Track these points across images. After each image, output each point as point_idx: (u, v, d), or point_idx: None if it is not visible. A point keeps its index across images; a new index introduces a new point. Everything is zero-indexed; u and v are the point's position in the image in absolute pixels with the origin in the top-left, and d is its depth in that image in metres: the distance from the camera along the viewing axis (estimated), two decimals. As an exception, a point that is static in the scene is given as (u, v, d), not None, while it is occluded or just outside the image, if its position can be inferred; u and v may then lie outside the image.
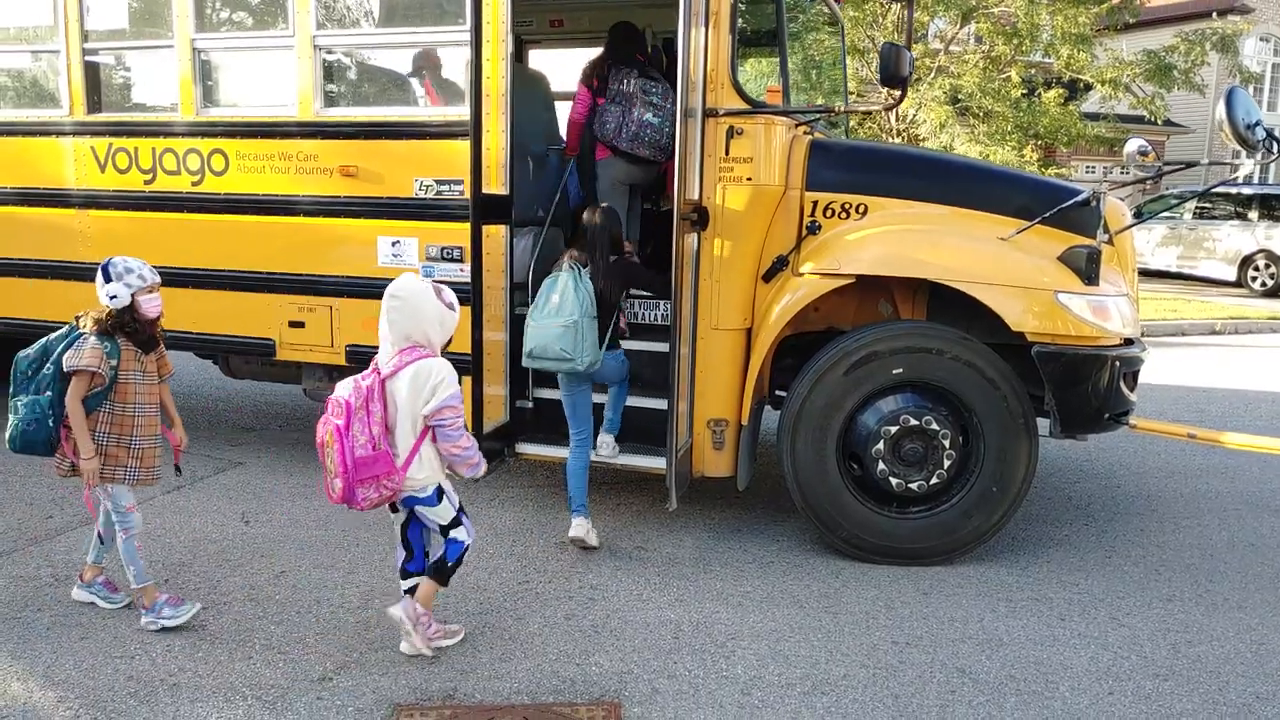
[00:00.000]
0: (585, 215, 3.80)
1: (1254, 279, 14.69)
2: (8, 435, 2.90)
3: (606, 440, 3.88)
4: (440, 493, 2.83)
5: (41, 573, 3.40)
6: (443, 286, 2.85)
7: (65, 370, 2.85)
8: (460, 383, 2.78)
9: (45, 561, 3.50)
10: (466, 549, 2.88)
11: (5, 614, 3.08)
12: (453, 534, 2.85)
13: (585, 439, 3.72)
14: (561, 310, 3.50)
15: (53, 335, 2.99)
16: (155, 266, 4.63)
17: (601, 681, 2.75)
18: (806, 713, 2.62)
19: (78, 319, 2.98)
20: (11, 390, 2.93)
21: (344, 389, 2.71)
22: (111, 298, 2.91)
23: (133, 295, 2.93)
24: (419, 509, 2.83)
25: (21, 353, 2.96)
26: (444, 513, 2.84)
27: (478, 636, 3.00)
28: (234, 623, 3.04)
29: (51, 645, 2.88)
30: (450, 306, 2.82)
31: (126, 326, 2.94)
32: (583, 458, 3.71)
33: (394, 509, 2.90)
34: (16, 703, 2.57)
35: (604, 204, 3.97)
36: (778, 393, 4.11)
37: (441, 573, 2.87)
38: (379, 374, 2.73)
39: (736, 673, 2.82)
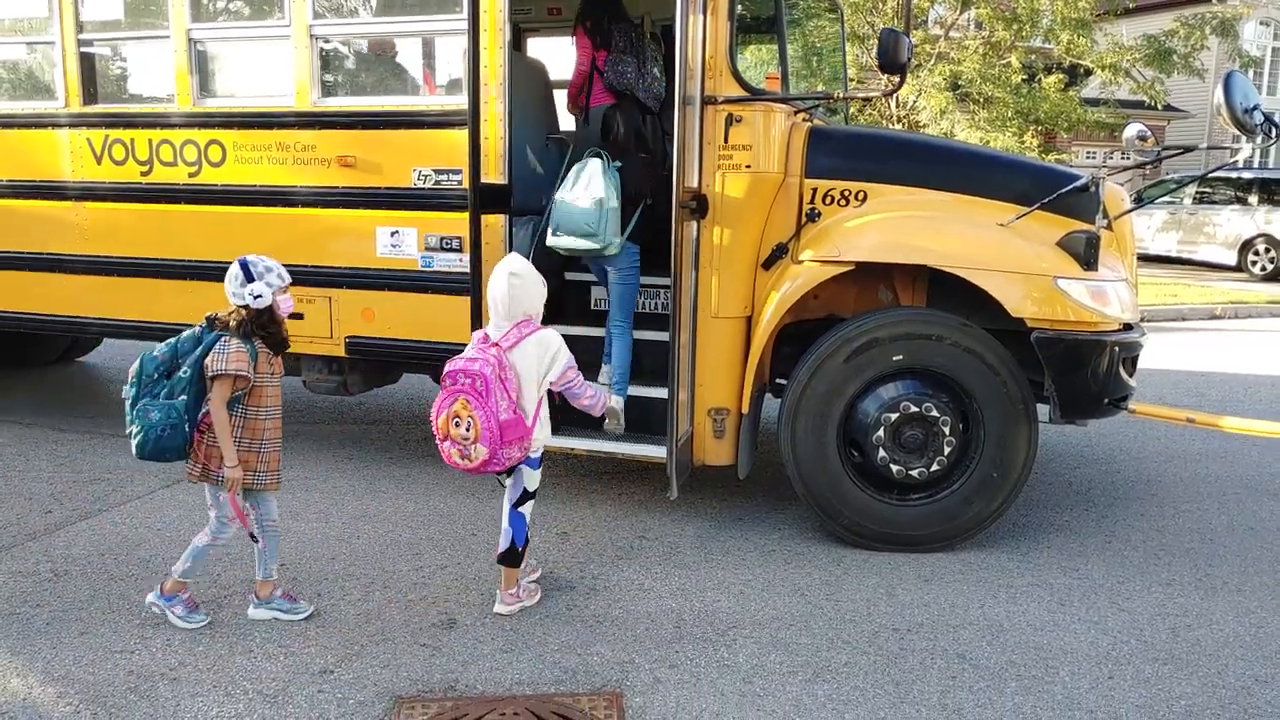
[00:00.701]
0: (607, 114, 3.90)
1: (1254, 263, 14.67)
2: (136, 441, 2.79)
3: (607, 385, 3.85)
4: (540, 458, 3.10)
5: (41, 568, 3.40)
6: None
7: (211, 374, 2.78)
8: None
9: (44, 557, 3.50)
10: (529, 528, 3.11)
11: (4, 610, 3.08)
12: (522, 508, 3.08)
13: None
14: (590, 190, 3.65)
15: (182, 336, 2.89)
16: (151, 259, 4.67)
17: (603, 671, 2.76)
18: (808, 700, 2.63)
19: (210, 320, 2.89)
20: (134, 394, 2.81)
21: (472, 364, 2.87)
22: (256, 297, 2.84)
23: (272, 294, 2.88)
24: (525, 469, 3.05)
25: (147, 355, 2.84)
26: (534, 479, 3.10)
27: (479, 627, 3.00)
28: (234, 616, 3.04)
29: (51, 641, 2.88)
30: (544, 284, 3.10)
31: (266, 327, 2.89)
32: (623, 337, 3.86)
33: (508, 474, 3.07)
34: (16, 698, 2.57)
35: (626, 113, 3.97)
36: (778, 381, 4.10)
37: (513, 557, 3.10)
38: (500, 346, 2.93)
39: (738, 661, 2.83)
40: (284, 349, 2.99)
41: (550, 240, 3.80)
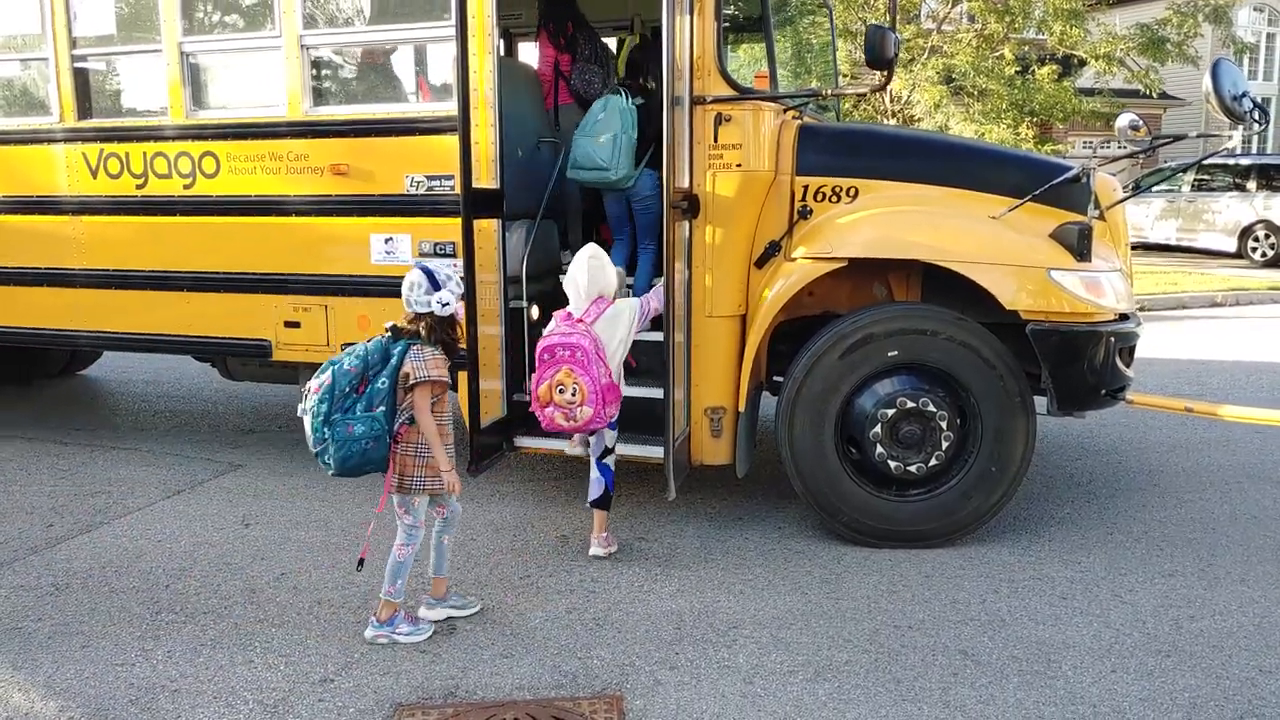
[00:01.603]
0: (631, 50, 4.23)
1: (1254, 249, 14.63)
2: (337, 457, 2.74)
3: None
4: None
5: (42, 582, 3.41)
6: None
7: (414, 381, 2.79)
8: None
9: (46, 570, 3.51)
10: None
11: (6, 624, 3.08)
12: (607, 459, 3.54)
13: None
14: (608, 125, 3.94)
15: (366, 348, 2.84)
16: (149, 271, 4.68)
17: (604, 674, 2.76)
18: (809, 700, 2.62)
19: (396, 330, 2.89)
20: (325, 410, 2.75)
21: (568, 338, 3.23)
22: (444, 305, 2.86)
23: (455, 301, 2.91)
24: (606, 430, 3.46)
25: (338, 369, 2.78)
26: (613, 437, 3.55)
27: (479, 632, 3.00)
28: (234, 626, 3.05)
29: (52, 655, 2.88)
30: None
31: (448, 334, 2.92)
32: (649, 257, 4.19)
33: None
34: (18, 713, 2.57)
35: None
36: (775, 379, 4.10)
37: (606, 501, 3.55)
38: (585, 321, 3.32)
39: (739, 661, 2.83)
40: (458, 355, 3.03)
41: (569, 173, 4.16)
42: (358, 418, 2.76)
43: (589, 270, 3.36)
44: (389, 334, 2.89)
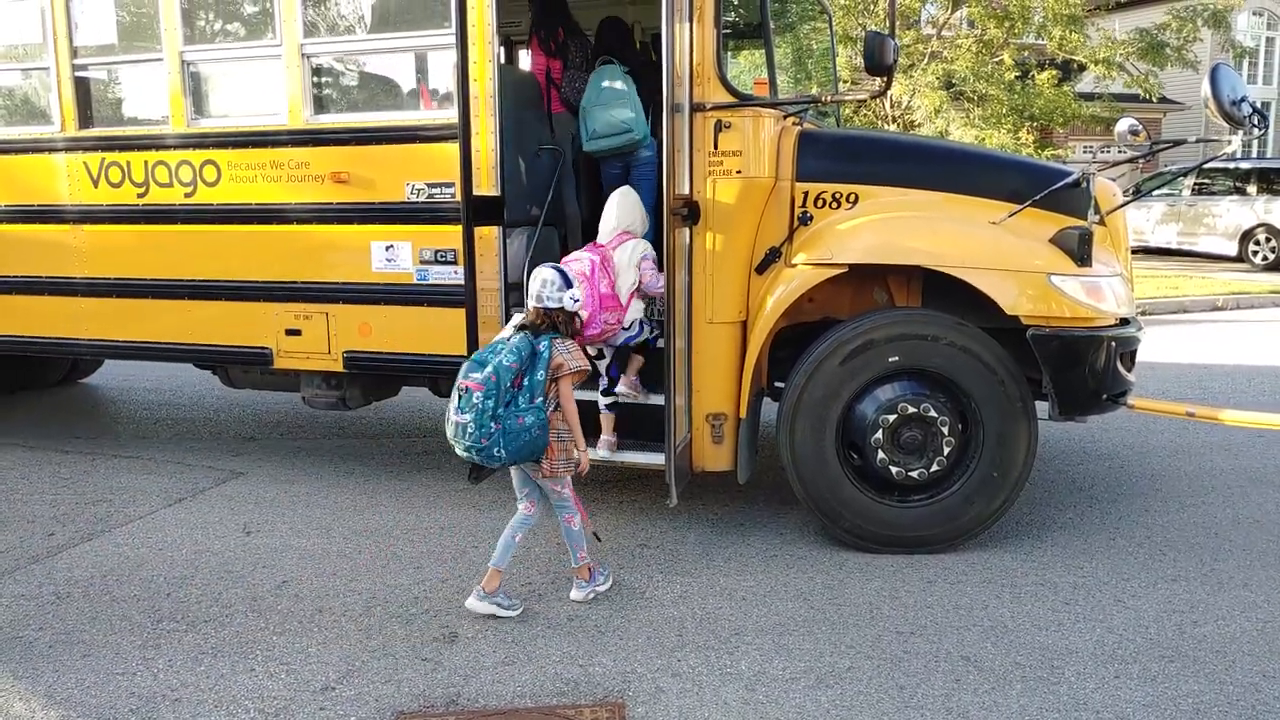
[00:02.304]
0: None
1: (1255, 253, 14.62)
2: (512, 448, 2.94)
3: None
4: (640, 326, 3.84)
5: (43, 590, 3.41)
6: None
7: (569, 371, 3.03)
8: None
9: (47, 579, 3.51)
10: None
11: (7, 633, 3.08)
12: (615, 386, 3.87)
13: None
14: (615, 92, 4.12)
15: (510, 345, 3.01)
16: (151, 279, 4.69)
17: (605, 682, 2.75)
18: (812, 707, 2.62)
19: (531, 326, 3.07)
20: (492, 406, 2.91)
21: (585, 256, 3.68)
22: (575, 300, 3.12)
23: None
24: (622, 338, 3.79)
25: (500, 366, 2.94)
26: (637, 359, 3.90)
27: (480, 640, 3.00)
28: (235, 635, 3.04)
29: (53, 664, 2.88)
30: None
31: (570, 327, 3.15)
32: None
33: (601, 355, 3.85)
34: (21, 721, 2.57)
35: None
36: (776, 384, 4.09)
37: (627, 355, 3.86)
38: (606, 247, 3.77)
39: (741, 668, 2.82)
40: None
41: (587, 146, 4.27)
42: (524, 409, 2.96)
43: (620, 201, 3.86)
44: (523, 331, 3.07)
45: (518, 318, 3.18)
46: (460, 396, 2.96)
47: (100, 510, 4.25)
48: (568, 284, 3.10)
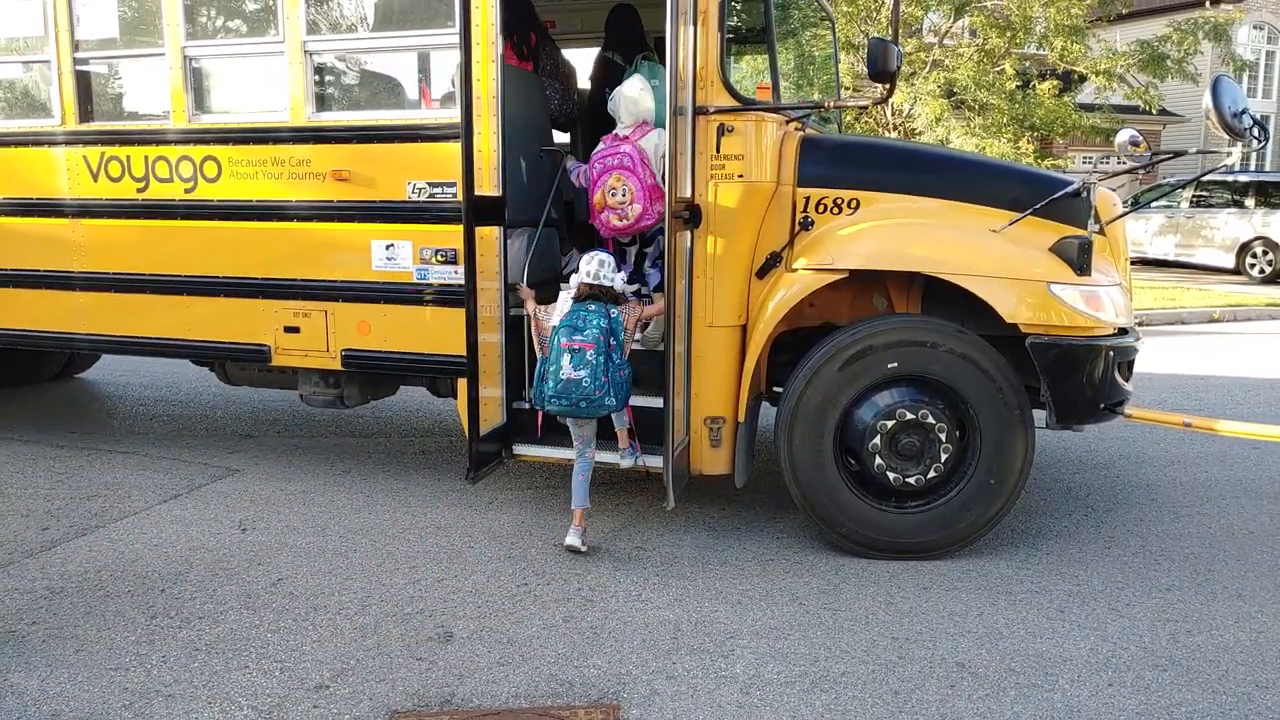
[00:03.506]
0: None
1: (1252, 266, 14.68)
2: (619, 397, 3.52)
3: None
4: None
5: (37, 585, 3.40)
6: None
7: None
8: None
9: (41, 574, 3.50)
10: None
11: (0, 627, 3.07)
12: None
13: None
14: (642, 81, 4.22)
15: (584, 316, 3.51)
16: (149, 274, 4.68)
17: (600, 683, 2.75)
18: (806, 711, 2.61)
19: (594, 297, 3.57)
20: (602, 363, 3.46)
21: (617, 150, 3.88)
22: (626, 281, 3.69)
23: None
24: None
25: (600, 332, 3.48)
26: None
27: (475, 640, 2.99)
28: (230, 632, 3.03)
29: (46, 659, 2.87)
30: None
31: (617, 299, 3.66)
32: None
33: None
34: (11, 717, 2.56)
35: None
36: (775, 389, 4.10)
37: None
38: (630, 139, 3.92)
39: (736, 672, 2.82)
40: None
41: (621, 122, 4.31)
42: (620, 364, 3.54)
43: (640, 91, 4.00)
44: (589, 303, 3.56)
45: (568, 291, 3.68)
46: (572, 355, 3.47)
47: (95, 505, 4.24)
48: (619, 268, 3.66)
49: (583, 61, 5.77)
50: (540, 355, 3.71)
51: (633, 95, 3.98)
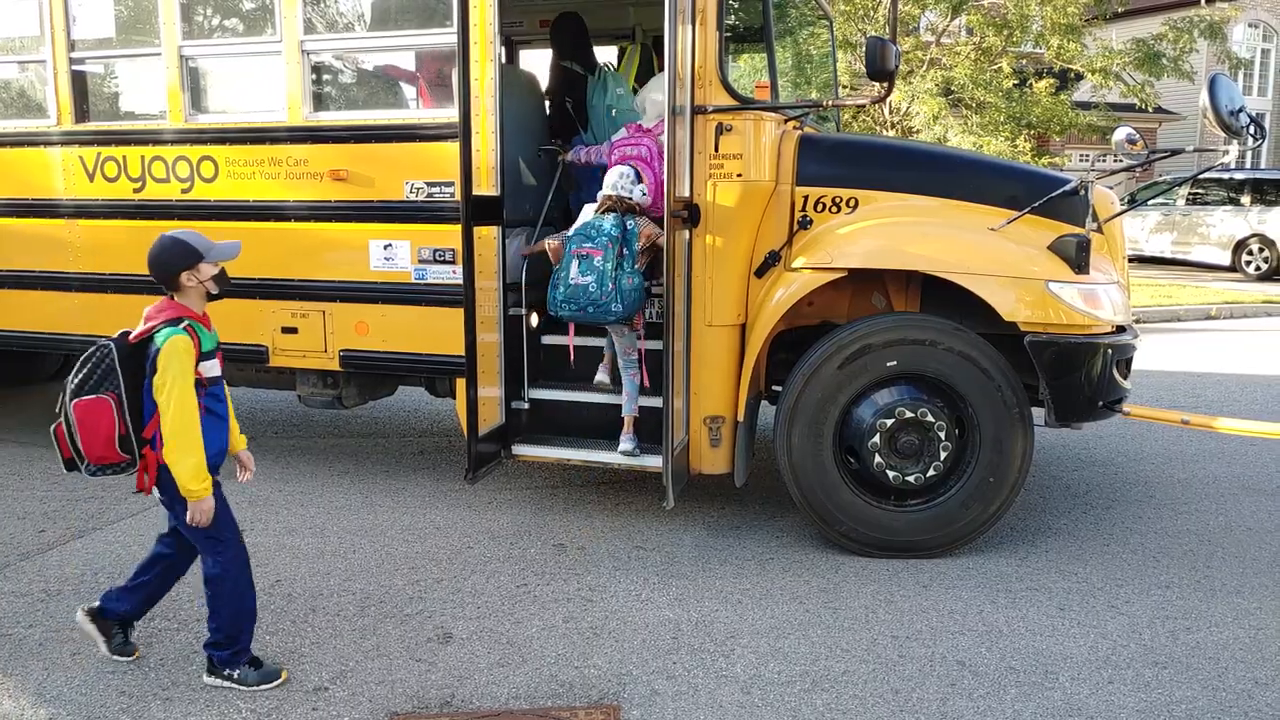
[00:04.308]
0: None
1: (1248, 263, 14.70)
2: (627, 303, 3.64)
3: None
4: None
5: (34, 588, 3.38)
6: None
7: (657, 236, 3.71)
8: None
9: (38, 576, 3.48)
10: None
11: (-1, 629, 3.06)
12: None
13: None
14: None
15: (602, 230, 3.68)
16: (145, 275, 4.63)
17: (600, 684, 2.74)
18: (807, 710, 2.61)
19: (612, 209, 3.73)
20: (610, 269, 3.60)
21: (640, 145, 3.98)
22: (644, 194, 3.83)
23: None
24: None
25: (608, 238, 3.62)
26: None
27: (475, 641, 2.98)
28: (230, 632, 3.02)
29: (43, 661, 2.86)
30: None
31: (635, 211, 3.82)
32: None
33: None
34: (8, 719, 2.55)
35: None
36: (774, 388, 4.10)
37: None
38: (652, 133, 4.01)
39: (736, 671, 2.81)
40: None
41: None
42: (630, 272, 3.63)
43: (662, 97, 3.92)
44: (604, 213, 3.70)
45: (592, 205, 3.84)
46: (579, 262, 3.60)
47: (91, 507, 4.23)
48: (638, 179, 3.77)
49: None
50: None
51: (658, 97, 4.04)
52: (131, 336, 2.59)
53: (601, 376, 3.99)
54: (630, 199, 3.77)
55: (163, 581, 2.82)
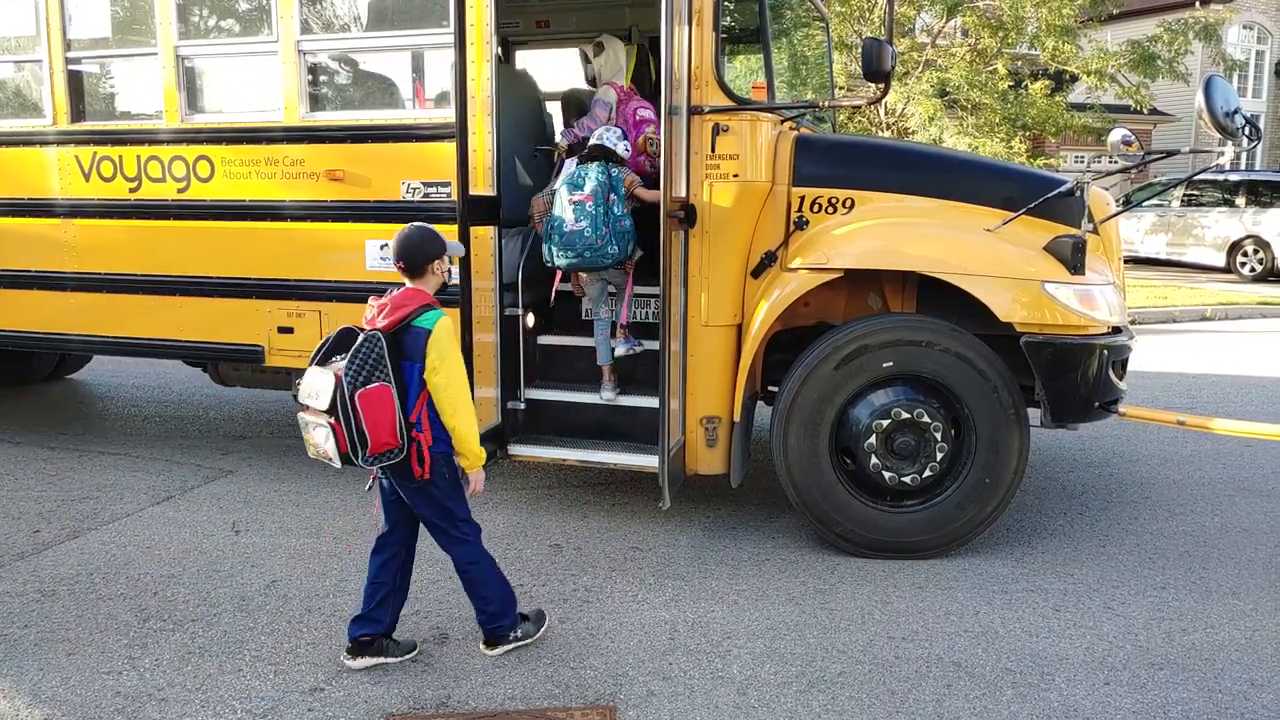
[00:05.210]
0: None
1: (1243, 264, 14.75)
2: (620, 244, 3.72)
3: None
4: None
5: (28, 588, 3.37)
6: None
7: (640, 185, 3.89)
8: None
9: (32, 577, 3.47)
10: None
11: (-7, 630, 3.05)
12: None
13: None
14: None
15: (590, 171, 3.77)
16: (142, 275, 4.66)
17: (596, 685, 2.74)
18: (803, 711, 2.61)
19: (585, 158, 3.83)
20: (602, 213, 3.69)
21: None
22: (626, 150, 3.93)
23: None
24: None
25: (601, 184, 3.71)
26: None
27: (471, 642, 2.98)
28: (223, 634, 3.02)
29: (38, 662, 2.85)
30: None
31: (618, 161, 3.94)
32: None
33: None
34: (5, 720, 2.55)
35: None
36: (770, 389, 4.10)
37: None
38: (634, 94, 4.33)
39: (732, 672, 2.81)
40: None
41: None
42: (620, 215, 3.71)
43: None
44: (586, 161, 3.79)
45: (572, 160, 3.94)
46: (574, 208, 3.68)
47: (87, 507, 4.22)
48: (624, 138, 3.91)
49: (577, 60, 5.77)
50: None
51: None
52: (383, 325, 2.64)
53: (609, 394, 4.00)
54: (614, 150, 3.85)
55: (403, 578, 2.88)
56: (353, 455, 2.55)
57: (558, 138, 4.45)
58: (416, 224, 2.84)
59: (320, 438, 2.56)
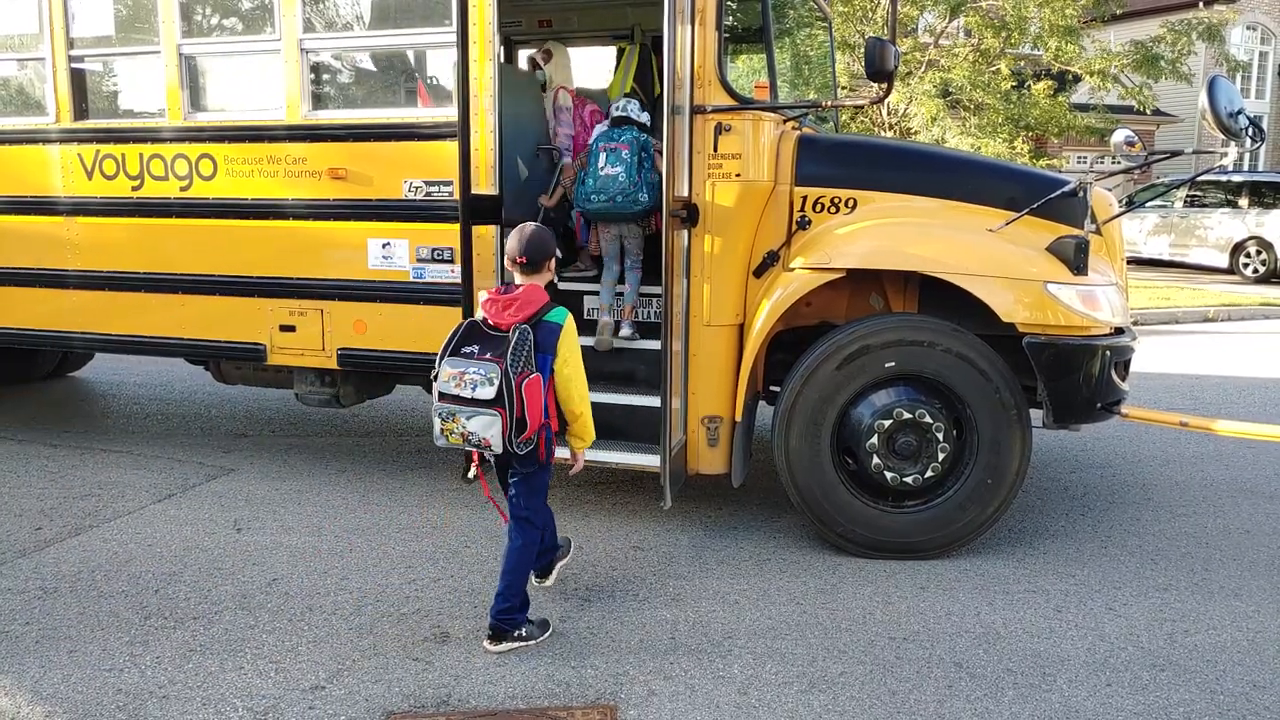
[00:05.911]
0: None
1: (1245, 265, 14.73)
2: (649, 194, 3.85)
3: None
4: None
5: (30, 585, 3.37)
6: None
7: (659, 147, 3.93)
8: None
9: (34, 574, 3.47)
10: None
11: (-5, 627, 3.05)
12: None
13: None
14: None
15: (615, 129, 4.03)
16: (144, 273, 4.67)
17: (597, 684, 2.74)
18: (804, 711, 2.61)
19: (614, 122, 4.05)
20: (634, 161, 3.88)
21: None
22: (646, 120, 4.09)
23: None
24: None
25: (632, 136, 3.91)
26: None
27: (472, 641, 2.98)
28: (225, 632, 3.02)
29: (39, 659, 2.85)
30: None
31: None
32: None
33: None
34: (4, 717, 2.54)
35: None
36: (771, 388, 4.09)
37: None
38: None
39: (733, 672, 2.81)
40: None
41: None
42: (650, 169, 3.84)
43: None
44: (617, 125, 4.01)
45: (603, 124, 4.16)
46: (609, 155, 3.87)
47: (88, 505, 4.22)
48: (643, 109, 4.06)
49: (579, 59, 5.76)
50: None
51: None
52: (521, 318, 2.77)
53: (605, 319, 4.05)
54: (636, 120, 4.00)
55: (550, 537, 3.17)
56: (509, 441, 2.71)
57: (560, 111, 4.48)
58: (535, 223, 2.94)
59: (480, 426, 2.70)
